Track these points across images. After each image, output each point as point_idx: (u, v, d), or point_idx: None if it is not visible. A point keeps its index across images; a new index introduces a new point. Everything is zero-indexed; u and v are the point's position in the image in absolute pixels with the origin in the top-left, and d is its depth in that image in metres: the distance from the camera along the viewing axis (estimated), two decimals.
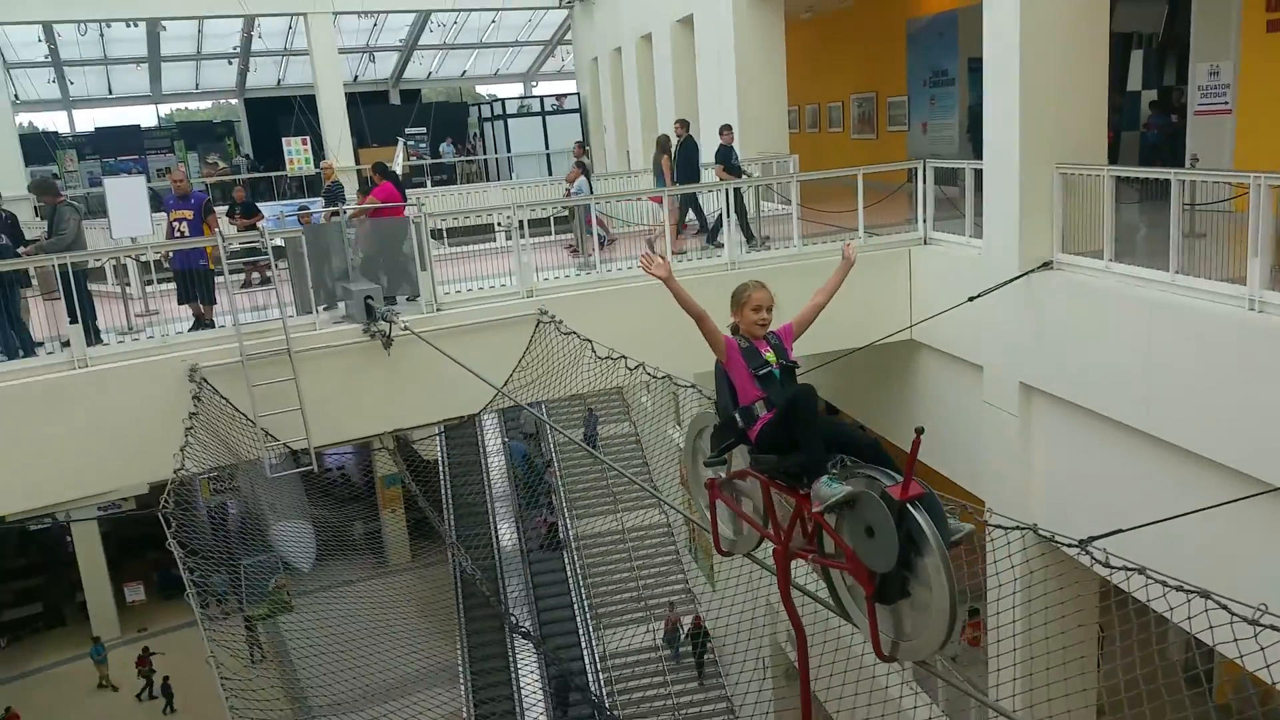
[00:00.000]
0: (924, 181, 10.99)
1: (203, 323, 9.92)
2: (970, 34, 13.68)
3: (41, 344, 9.20)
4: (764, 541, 3.98)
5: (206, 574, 6.54)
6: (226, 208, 14.48)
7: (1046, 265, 8.90)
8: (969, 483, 10.30)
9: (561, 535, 22.00)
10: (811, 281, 11.85)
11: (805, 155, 15.03)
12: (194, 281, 9.85)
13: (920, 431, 3.23)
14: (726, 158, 12.94)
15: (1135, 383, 7.62)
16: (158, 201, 12.99)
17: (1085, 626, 8.26)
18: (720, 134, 13.56)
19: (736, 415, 3.82)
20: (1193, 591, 4.05)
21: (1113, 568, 4.47)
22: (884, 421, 12.64)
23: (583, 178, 14.94)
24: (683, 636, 19.31)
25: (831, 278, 4.42)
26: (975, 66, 13.30)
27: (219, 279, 9.78)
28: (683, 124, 14.23)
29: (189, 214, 10.60)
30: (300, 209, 14.60)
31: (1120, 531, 4.94)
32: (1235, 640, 3.84)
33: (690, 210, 12.69)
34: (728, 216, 11.03)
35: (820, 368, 11.99)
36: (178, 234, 10.82)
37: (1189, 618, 4.04)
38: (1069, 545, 4.74)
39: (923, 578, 3.21)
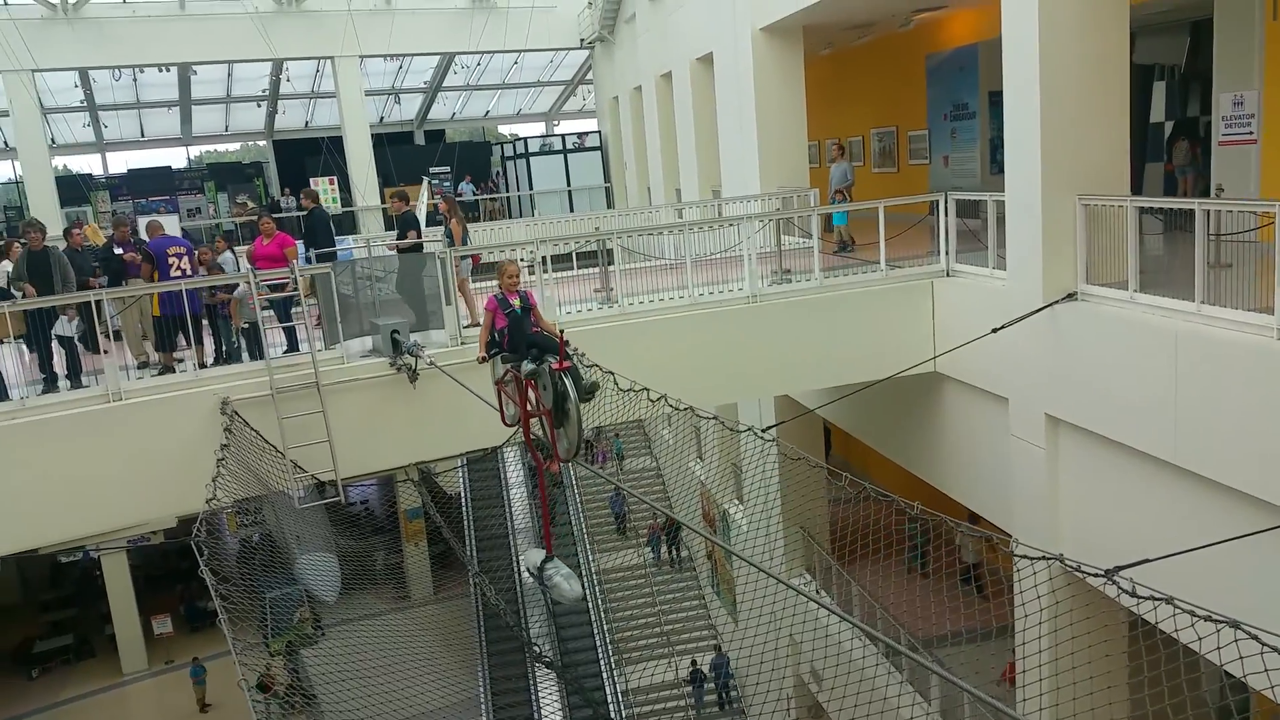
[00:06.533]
0: (946, 214, 11.03)
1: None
2: (991, 67, 13.80)
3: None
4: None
5: (238, 602, 6.65)
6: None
7: (1071, 296, 8.89)
8: (997, 516, 10.21)
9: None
10: (831, 315, 11.83)
11: (826, 189, 15.11)
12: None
13: (563, 331, 6.24)
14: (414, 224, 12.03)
15: (1162, 414, 7.58)
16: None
17: (1113, 657, 8.15)
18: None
19: (496, 335, 6.73)
20: (1222, 621, 4.01)
21: (1140, 597, 4.44)
22: (908, 454, 12.57)
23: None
24: (664, 541, 21.76)
25: None
26: (996, 100, 13.41)
27: (255, 313, 9.91)
28: (310, 195, 12.83)
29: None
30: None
31: (1147, 561, 4.91)
32: (1266, 671, 3.80)
33: None
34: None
35: (842, 399, 12.00)
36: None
37: (1218, 648, 3.99)
38: (1095, 575, 4.72)
39: (568, 413, 5.95)
